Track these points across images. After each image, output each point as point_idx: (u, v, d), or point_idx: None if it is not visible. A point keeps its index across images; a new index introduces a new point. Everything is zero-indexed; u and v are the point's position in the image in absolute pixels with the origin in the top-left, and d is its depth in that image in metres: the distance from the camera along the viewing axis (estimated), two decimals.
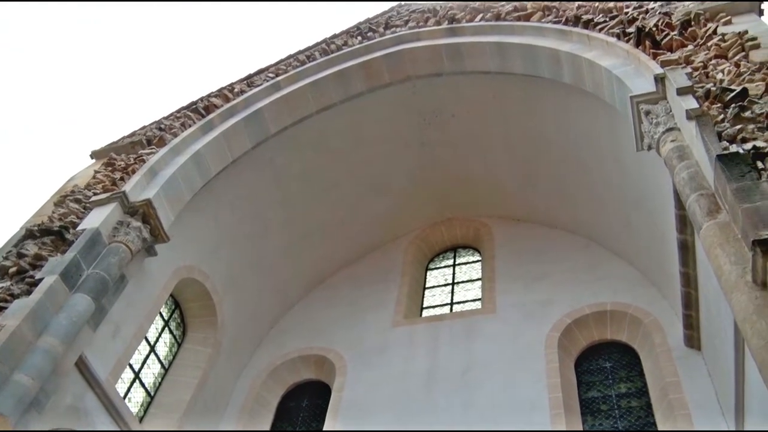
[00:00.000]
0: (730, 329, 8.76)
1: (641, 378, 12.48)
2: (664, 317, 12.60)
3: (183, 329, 13.84)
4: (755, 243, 6.37)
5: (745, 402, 9.00)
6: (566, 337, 13.13)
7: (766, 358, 6.08)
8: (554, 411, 11.65)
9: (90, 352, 10.30)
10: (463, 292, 15.78)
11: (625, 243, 14.03)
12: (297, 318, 15.79)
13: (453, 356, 13.45)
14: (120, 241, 10.96)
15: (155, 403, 12.57)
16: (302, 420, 13.93)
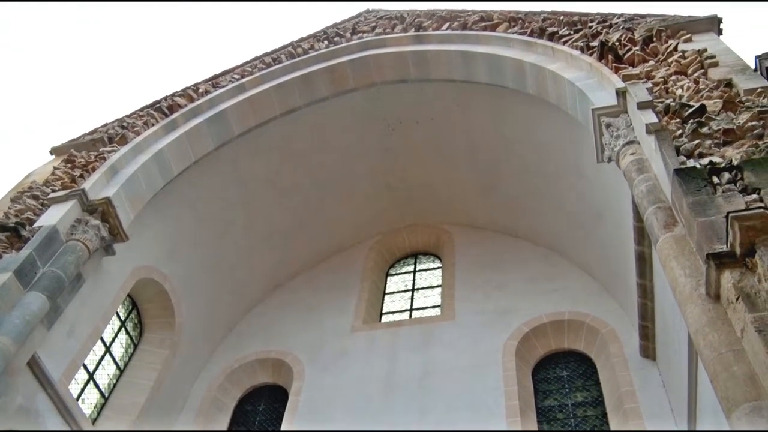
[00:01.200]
0: (683, 340, 8.90)
1: (597, 387, 12.63)
2: (621, 327, 12.77)
3: (140, 330, 13.65)
4: (709, 256, 6.50)
5: (698, 412, 9.16)
6: (524, 345, 13.24)
7: (717, 370, 6.20)
8: (511, 418, 11.74)
9: (43, 352, 10.10)
10: (423, 298, 15.83)
11: (585, 253, 14.20)
12: (255, 321, 15.67)
13: (411, 362, 13.48)
14: (78, 239, 10.79)
15: (109, 405, 12.37)
16: (259, 423, 13.83)
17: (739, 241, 6.27)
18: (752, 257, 6.24)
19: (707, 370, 6.44)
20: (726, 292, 6.38)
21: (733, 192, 7.23)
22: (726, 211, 6.60)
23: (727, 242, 6.49)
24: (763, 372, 5.65)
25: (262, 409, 14.15)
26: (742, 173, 7.44)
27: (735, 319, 6.23)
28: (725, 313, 6.46)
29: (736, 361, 6.08)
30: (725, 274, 6.36)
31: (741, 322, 6.06)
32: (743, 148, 8.17)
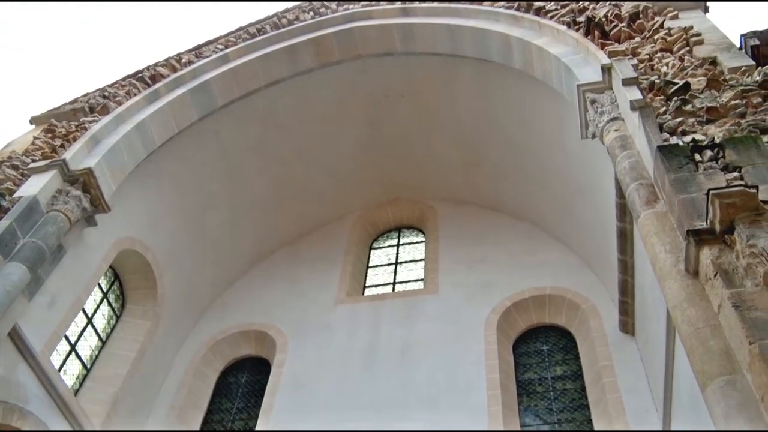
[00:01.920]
0: (662, 316, 9.01)
1: (577, 361, 12.78)
2: (601, 303, 12.90)
3: (122, 302, 13.62)
4: (689, 233, 6.56)
5: (674, 387, 9.29)
6: (505, 319, 13.35)
7: (694, 344, 6.29)
8: (491, 391, 11.87)
9: (24, 323, 10.06)
10: (406, 272, 15.89)
11: (567, 229, 14.29)
12: (238, 293, 15.68)
13: (394, 335, 13.56)
14: (59, 209, 10.71)
15: (91, 376, 12.37)
16: (241, 395, 13.89)
17: (719, 218, 6.33)
18: (731, 234, 6.31)
19: (684, 344, 6.53)
20: (704, 269, 6.45)
21: (714, 170, 7.29)
22: (707, 188, 6.65)
23: (707, 219, 6.55)
24: (738, 347, 5.74)
25: (244, 380, 14.21)
26: (723, 151, 7.49)
27: (712, 294, 6.31)
28: (703, 289, 6.55)
29: (712, 336, 6.18)
30: (704, 251, 6.42)
31: (718, 297, 6.14)
32: (726, 126, 8.23)
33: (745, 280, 5.99)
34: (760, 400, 5.38)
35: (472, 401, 11.81)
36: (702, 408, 7.13)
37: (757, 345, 5.42)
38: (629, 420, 10.82)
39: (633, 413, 10.91)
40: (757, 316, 5.65)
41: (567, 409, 12.07)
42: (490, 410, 11.56)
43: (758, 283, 5.89)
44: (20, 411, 9.84)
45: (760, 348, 5.39)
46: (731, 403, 5.68)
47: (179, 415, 13.10)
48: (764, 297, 5.79)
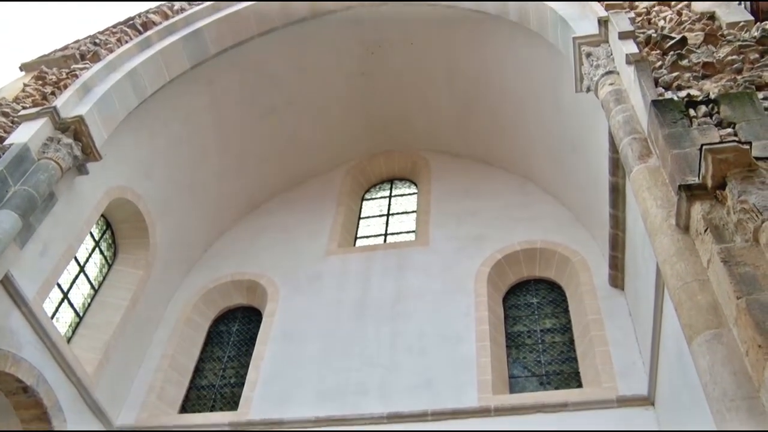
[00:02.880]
0: (651, 271, 9.09)
1: (566, 315, 12.92)
2: (591, 257, 12.99)
3: (114, 250, 13.63)
4: (681, 188, 6.58)
5: (661, 340, 9.41)
6: (496, 272, 13.44)
7: (682, 298, 6.35)
8: (480, 343, 12.01)
9: (16, 271, 10.07)
10: (398, 223, 15.92)
11: (560, 184, 14.30)
12: (230, 243, 15.71)
13: (384, 286, 13.65)
14: (50, 157, 10.63)
15: (84, 324, 12.45)
16: (233, 344, 14.02)
17: (711, 173, 6.34)
18: (723, 190, 6.33)
19: (672, 298, 6.60)
20: (695, 224, 6.49)
21: (708, 125, 7.28)
22: (700, 143, 6.65)
23: (699, 175, 6.56)
24: (726, 301, 5.81)
25: (236, 329, 14.33)
26: (718, 107, 7.48)
27: (702, 249, 6.35)
28: (693, 244, 6.59)
29: (700, 290, 6.24)
30: (695, 206, 6.45)
31: (708, 252, 6.19)
32: (722, 82, 8.20)
33: (735, 235, 6.04)
34: (745, 353, 5.46)
35: (461, 352, 11.95)
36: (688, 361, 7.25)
37: (744, 300, 5.48)
38: (616, 373, 10.98)
39: (620, 366, 11.07)
40: (745, 272, 5.71)
41: (555, 361, 12.24)
42: (479, 361, 11.71)
43: (748, 238, 5.94)
44: (13, 357, 9.91)
45: (747, 303, 5.45)
46: (716, 357, 5.76)
47: (171, 363, 13.23)
48: (753, 253, 5.84)
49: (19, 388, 10.17)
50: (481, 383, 11.38)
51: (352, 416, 11.38)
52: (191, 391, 13.28)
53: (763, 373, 5.12)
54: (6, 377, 9.91)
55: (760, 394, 5.25)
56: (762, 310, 5.35)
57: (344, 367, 12.26)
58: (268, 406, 11.92)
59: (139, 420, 12.25)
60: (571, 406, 10.73)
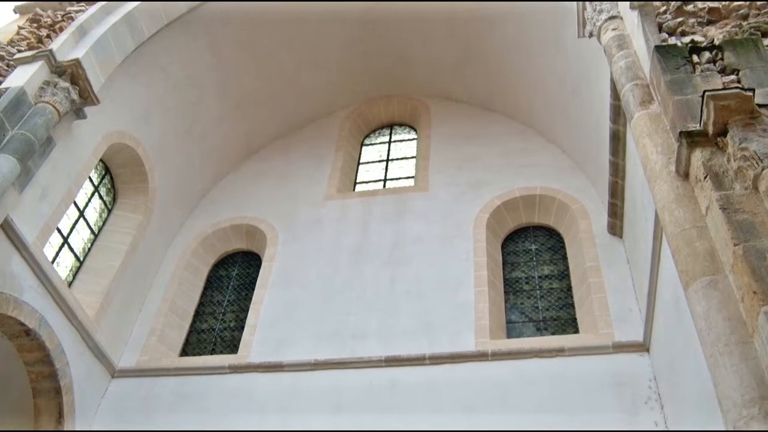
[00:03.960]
0: (650, 218, 9.11)
1: (564, 261, 12.98)
2: (590, 205, 13.00)
3: (113, 195, 13.63)
4: (682, 134, 6.55)
5: (658, 287, 9.48)
6: (495, 218, 13.46)
7: (680, 245, 6.38)
8: (479, 288, 12.09)
9: (16, 215, 10.07)
10: (397, 169, 15.89)
11: (560, 131, 14.22)
12: (229, 188, 15.70)
13: (383, 232, 13.69)
14: (47, 101, 10.54)
15: (84, 269, 12.52)
16: (232, 288, 14.12)
17: (713, 120, 6.30)
18: (724, 137, 6.30)
19: (670, 245, 6.63)
20: (695, 171, 6.47)
21: (711, 72, 7.21)
22: (703, 90, 6.60)
23: (701, 121, 6.53)
24: (723, 248, 5.83)
25: (235, 274, 14.42)
26: (722, 53, 7.39)
27: (701, 196, 6.35)
28: (692, 191, 6.59)
29: (698, 237, 6.26)
30: (696, 153, 6.43)
31: (707, 199, 6.19)
32: (727, 28, 8.07)
33: (734, 183, 6.03)
34: (740, 300, 5.50)
35: (459, 297, 12.05)
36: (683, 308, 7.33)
37: (741, 247, 5.51)
38: (612, 319, 11.09)
39: (616, 313, 11.17)
40: (743, 219, 5.72)
41: (552, 307, 12.34)
42: (477, 306, 11.81)
43: (747, 186, 5.93)
44: (15, 301, 10.00)
45: (744, 250, 5.48)
46: (712, 303, 5.81)
47: (171, 307, 13.35)
48: (752, 200, 5.84)
49: (21, 331, 10.29)
50: (479, 328, 11.49)
51: (350, 359, 11.52)
52: (191, 335, 13.44)
53: (757, 318, 5.17)
54: (8, 320, 10.02)
55: (753, 339, 5.31)
56: (758, 257, 5.38)
57: (343, 311, 12.37)
58: (267, 349, 12.06)
59: (140, 362, 12.42)
60: (567, 351, 10.86)
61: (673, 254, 6.52)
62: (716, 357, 5.56)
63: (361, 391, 11.06)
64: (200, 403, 11.51)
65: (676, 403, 9.05)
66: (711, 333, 5.68)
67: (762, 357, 5.17)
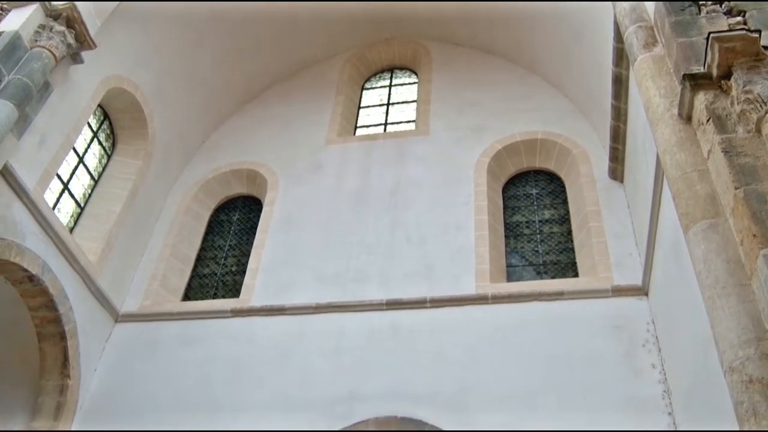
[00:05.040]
0: (651, 162, 9.08)
1: (564, 205, 12.99)
2: (592, 149, 12.94)
3: (113, 141, 13.56)
4: (685, 77, 6.48)
5: (658, 232, 9.51)
6: (496, 162, 13.42)
7: (681, 188, 6.38)
8: (479, 232, 12.13)
9: (15, 162, 10.03)
10: (398, 113, 15.76)
11: (562, 75, 14.06)
12: (229, 133, 15.61)
13: (384, 175, 13.66)
14: (43, 45, 10.38)
15: (85, 214, 12.53)
16: (233, 233, 14.17)
17: (717, 62, 6.23)
18: (728, 80, 6.24)
19: (671, 188, 6.62)
20: (698, 114, 6.43)
21: (717, 13, 7.11)
22: (707, 32, 6.50)
23: (704, 64, 6.45)
24: (723, 191, 5.83)
25: (236, 218, 14.45)
26: None
27: (703, 140, 6.32)
28: (694, 134, 6.56)
29: (699, 180, 6.26)
30: (699, 95, 6.37)
31: (709, 143, 6.16)
32: None
33: (737, 126, 6.00)
34: (740, 243, 5.53)
35: (460, 241, 12.09)
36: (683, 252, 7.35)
37: (743, 190, 5.51)
38: (612, 263, 11.15)
39: (616, 257, 11.22)
40: (745, 162, 5.71)
41: (553, 251, 12.40)
42: (478, 250, 11.86)
43: (750, 129, 5.90)
44: (17, 247, 10.04)
45: (745, 193, 5.48)
46: (711, 246, 5.84)
47: (173, 252, 13.41)
48: (754, 143, 5.82)
49: (24, 277, 10.36)
50: (479, 272, 11.56)
51: (351, 303, 11.62)
52: (193, 279, 13.53)
53: (755, 261, 5.20)
54: (11, 266, 10.07)
55: (752, 281, 5.35)
56: (759, 201, 5.39)
57: (344, 255, 12.43)
58: (269, 293, 12.16)
59: (143, 307, 12.53)
60: (566, 294, 10.95)
61: (674, 197, 6.52)
62: (714, 299, 5.61)
63: (363, 333, 11.19)
64: (203, 347, 11.65)
65: (673, 346, 9.17)
66: (709, 276, 5.71)
67: (760, 299, 5.22)
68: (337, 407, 10.38)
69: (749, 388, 5.16)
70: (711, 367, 6.72)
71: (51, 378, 10.99)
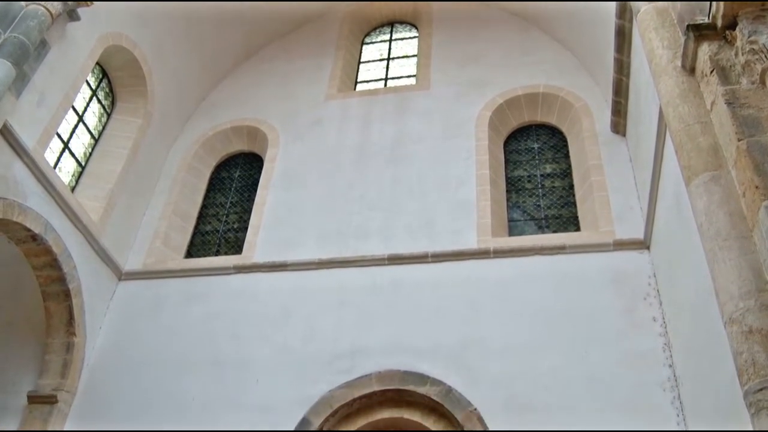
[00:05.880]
0: (654, 115, 9.03)
1: (566, 160, 12.94)
2: (594, 103, 12.85)
3: (112, 99, 13.47)
4: (689, 27, 6.41)
5: (659, 186, 9.49)
6: (497, 116, 13.34)
7: (683, 140, 6.35)
8: (481, 187, 12.11)
9: (14, 121, 9.98)
10: (398, 68, 15.62)
11: (565, 28, 13.89)
12: (228, 90, 15.49)
13: (385, 131, 13.60)
14: (38, 3, 10.23)
15: (86, 173, 12.51)
16: (234, 190, 14.16)
17: (722, 12, 6.14)
18: (732, 30, 6.16)
19: (674, 140, 6.60)
20: (701, 65, 6.36)
21: None
22: None
23: (709, 14, 6.37)
24: (726, 143, 5.80)
25: (237, 175, 14.43)
26: None
27: (707, 92, 6.27)
28: (698, 86, 6.51)
29: (702, 132, 6.22)
30: (703, 47, 6.30)
31: (712, 94, 6.11)
32: None
33: (741, 77, 5.94)
34: (742, 195, 5.51)
35: (461, 196, 12.08)
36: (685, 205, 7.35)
37: (746, 141, 5.48)
38: (614, 217, 11.15)
39: (618, 211, 11.21)
40: (748, 114, 5.66)
41: (554, 205, 12.39)
42: (479, 205, 11.86)
43: (755, 80, 5.84)
44: (20, 207, 10.04)
45: (748, 145, 5.45)
46: (713, 198, 5.83)
47: (174, 210, 13.42)
48: (758, 95, 5.77)
49: (28, 237, 10.39)
50: (481, 226, 11.58)
51: (353, 258, 11.67)
52: (195, 237, 13.56)
53: (757, 213, 5.20)
54: (15, 226, 10.10)
55: (753, 233, 5.35)
56: (762, 152, 5.36)
57: (345, 210, 12.44)
58: (271, 249, 12.20)
59: (146, 265, 12.58)
60: (568, 248, 10.97)
61: (676, 150, 6.50)
62: (715, 251, 5.62)
63: (365, 289, 11.25)
64: (206, 304, 11.73)
65: (674, 299, 9.22)
66: (711, 228, 5.72)
67: (761, 251, 5.23)
68: (340, 362, 10.50)
69: (749, 338, 5.20)
70: (711, 319, 6.76)
71: (57, 336, 11.10)
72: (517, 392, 9.65)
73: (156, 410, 10.65)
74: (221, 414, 10.38)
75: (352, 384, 10.24)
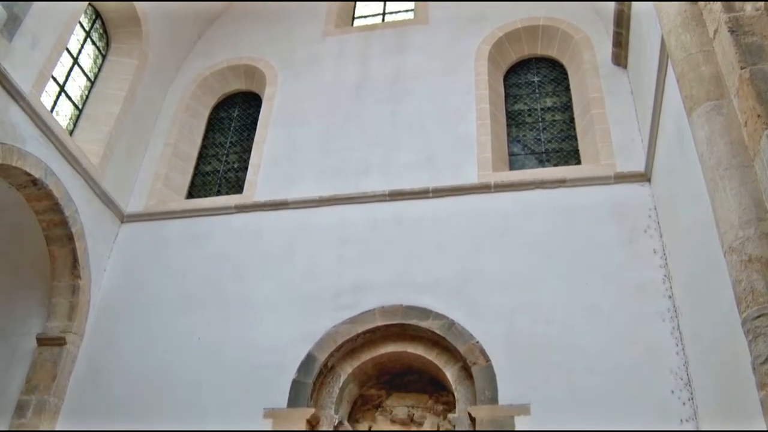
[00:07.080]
0: (656, 45, 8.91)
1: (567, 93, 12.83)
2: (595, 35, 12.67)
3: (106, 41, 13.28)
4: None
5: (661, 118, 9.43)
6: (497, 50, 13.18)
7: (685, 70, 6.27)
8: (481, 121, 12.04)
9: (8, 65, 9.86)
10: (396, 2, 15.36)
11: None
12: (224, 28, 15.24)
13: (383, 66, 13.46)
14: None
15: (84, 116, 12.42)
16: (234, 130, 14.09)
17: None
18: None
19: (675, 70, 6.52)
20: None
21: None
22: None
23: None
24: (729, 72, 5.72)
25: (236, 115, 14.34)
26: None
27: (710, 19, 6.16)
28: (701, 14, 6.39)
29: (704, 61, 6.15)
30: None
31: (715, 22, 6.00)
32: None
33: (745, 4, 5.83)
34: (744, 124, 5.47)
35: (461, 131, 12.02)
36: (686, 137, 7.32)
37: (749, 70, 5.41)
38: (614, 150, 11.11)
39: (619, 144, 11.17)
40: (752, 41, 5.58)
41: (555, 139, 12.34)
42: (479, 140, 11.81)
43: (759, 7, 5.74)
44: (19, 151, 10.01)
45: (751, 73, 5.38)
46: (715, 128, 5.80)
47: (174, 151, 13.38)
48: (763, 22, 5.67)
49: (28, 181, 10.39)
50: (481, 161, 11.56)
51: (354, 194, 11.69)
52: (196, 178, 13.56)
53: (759, 142, 5.17)
54: (15, 171, 10.08)
55: (754, 162, 5.34)
56: (765, 81, 5.30)
57: (345, 147, 12.40)
58: (272, 188, 12.21)
59: (147, 207, 12.61)
60: (569, 182, 10.97)
61: (678, 79, 6.43)
62: (716, 181, 5.62)
63: (366, 225, 11.31)
64: (208, 244, 11.80)
65: (674, 231, 9.26)
66: (712, 157, 5.70)
67: (761, 179, 5.22)
68: (343, 298, 10.61)
69: (748, 267, 5.24)
70: (711, 249, 6.80)
71: (62, 279, 11.19)
72: (518, 325, 9.77)
73: (162, 350, 10.81)
74: (226, 352, 10.54)
75: (356, 319, 10.37)
